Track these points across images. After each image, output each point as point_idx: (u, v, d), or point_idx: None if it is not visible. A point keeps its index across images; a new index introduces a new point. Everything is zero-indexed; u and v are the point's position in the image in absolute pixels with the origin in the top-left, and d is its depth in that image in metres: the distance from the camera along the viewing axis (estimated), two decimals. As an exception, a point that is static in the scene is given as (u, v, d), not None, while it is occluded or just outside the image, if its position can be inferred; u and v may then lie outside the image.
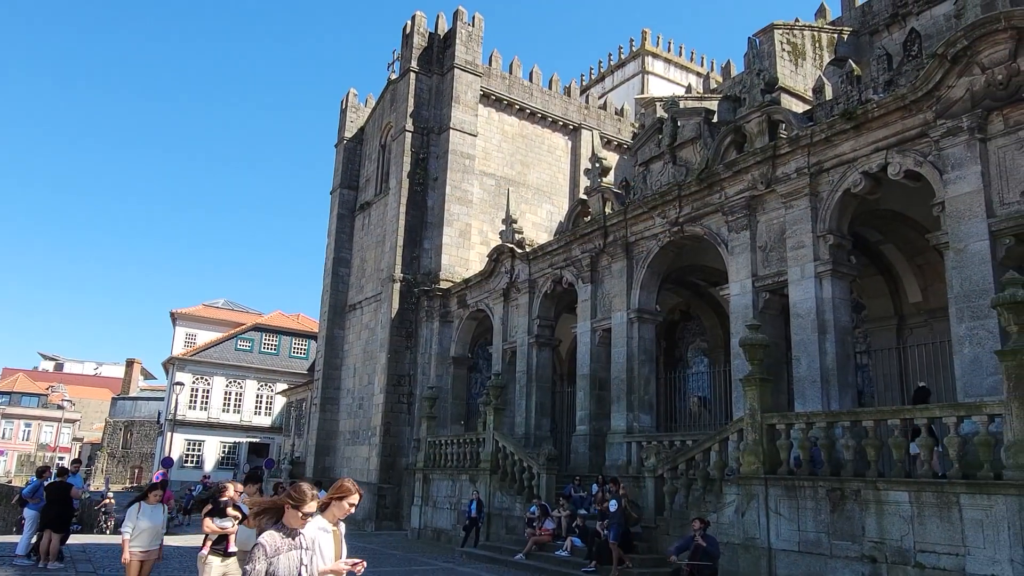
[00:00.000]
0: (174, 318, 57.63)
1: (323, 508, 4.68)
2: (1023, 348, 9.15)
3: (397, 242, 28.46)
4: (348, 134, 35.76)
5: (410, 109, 29.80)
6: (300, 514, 4.39)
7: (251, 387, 53.15)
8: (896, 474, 10.52)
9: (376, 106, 34.52)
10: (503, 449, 19.51)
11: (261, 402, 53.49)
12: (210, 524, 8.48)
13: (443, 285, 27.51)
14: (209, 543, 8.41)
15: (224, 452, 51.32)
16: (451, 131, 29.29)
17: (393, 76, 32.75)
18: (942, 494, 9.76)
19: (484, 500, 19.18)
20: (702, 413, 22.38)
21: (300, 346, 55.60)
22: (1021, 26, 11.27)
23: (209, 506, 8.81)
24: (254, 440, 52.33)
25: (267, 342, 54.45)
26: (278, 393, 52.13)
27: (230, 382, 52.42)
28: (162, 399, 58.75)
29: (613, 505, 14.21)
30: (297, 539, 4.37)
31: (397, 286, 28.01)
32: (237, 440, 51.90)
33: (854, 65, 16.82)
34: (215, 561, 8.26)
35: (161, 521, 9.24)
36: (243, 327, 55.01)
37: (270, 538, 4.26)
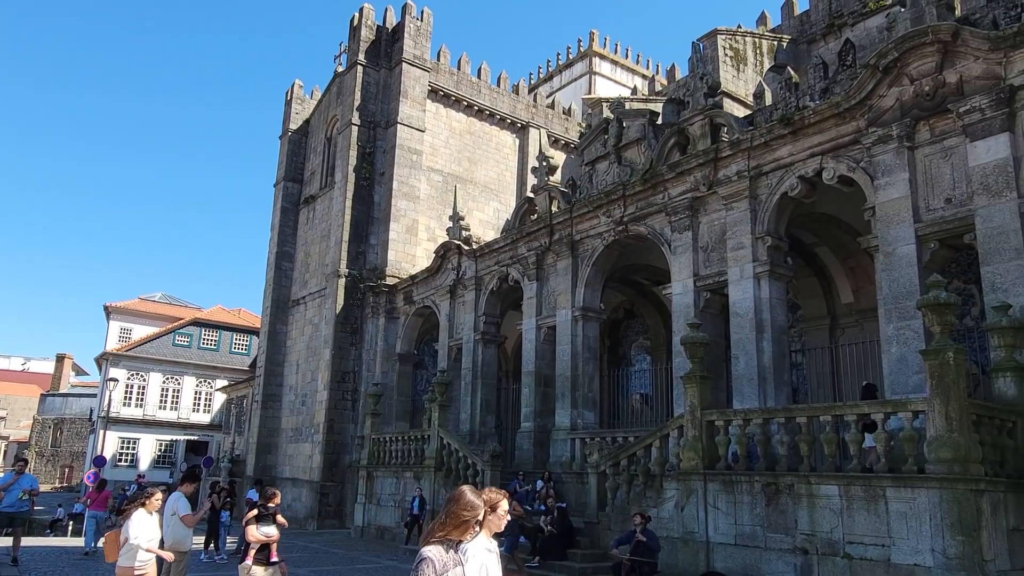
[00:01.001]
0: (108, 312, 55.66)
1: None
2: (945, 348, 9.57)
3: (342, 237, 28.11)
4: (293, 126, 35.11)
5: (357, 102, 29.44)
6: (499, 513, 3.95)
7: (189, 383, 51.78)
8: (827, 469, 10.91)
9: (322, 98, 33.99)
10: (448, 446, 19.50)
11: (200, 399, 52.16)
12: (254, 532, 8.19)
13: (389, 281, 27.29)
14: (253, 552, 8.13)
15: (160, 450, 49.87)
16: (398, 126, 29.05)
17: (340, 69, 32.31)
18: (870, 488, 10.15)
19: (428, 497, 19.13)
20: (644, 410, 22.78)
21: (241, 342, 54.40)
22: (946, 40, 11.80)
23: (255, 512, 8.52)
24: (192, 438, 51.01)
25: (207, 337, 53.09)
26: (218, 390, 50.90)
27: (167, 378, 50.95)
28: (95, 396, 56.72)
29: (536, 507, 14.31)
30: (459, 554, 3.85)
31: (342, 281, 27.67)
32: (174, 438, 50.50)
33: (792, 72, 17.34)
34: (258, 571, 8.03)
35: (159, 533, 8.38)
36: (181, 322, 53.52)
37: (436, 552, 3.74)
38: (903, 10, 12.75)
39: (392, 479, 21.48)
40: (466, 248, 23.30)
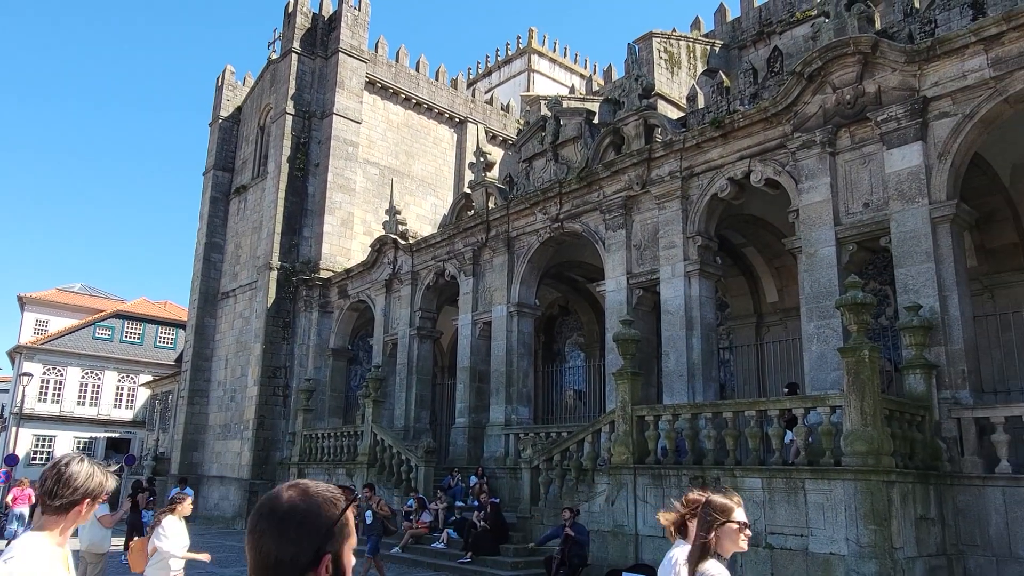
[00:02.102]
0: (22, 303, 52.88)
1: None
2: (861, 346, 10.03)
3: (275, 228, 27.47)
4: (224, 113, 34.05)
5: (291, 91, 28.79)
6: (736, 526, 3.17)
7: (111, 378, 49.71)
8: (752, 462, 11.29)
9: (255, 85, 33.09)
10: (381, 442, 19.34)
11: (122, 395, 50.16)
12: None
13: (323, 275, 26.83)
14: None
15: (79, 448, 47.75)
16: (334, 116, 28.55)
17: (274, 56, 31.50)
18: (790, 480, 10.56)
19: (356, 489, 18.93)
20: (578, 406, 23.09)
21: (167, 335, 52.54)
22: (866, 51, 12.34)
23: None
24: (113, 435, 49.00)
25: (130, 330, 51.07)
26: (141, 385, 49.05)
27: (86, 373, 48.80)
28: (6, 391, 53.86)
29: (369, 516, 13.65)
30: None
31: (274, 274, 27.05)
32: (94, 435, 48.43)
33: (724, 77, 17.85)
34: None
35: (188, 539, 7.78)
36: (102, 314, 51.26)
37: (718, 570, 3.09)
38: (827, 21, 13.26)
39: (324, 476, 21.15)
40: (402, 242, 23.12)
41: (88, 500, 2.62)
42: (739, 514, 3.22)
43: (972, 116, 11.43)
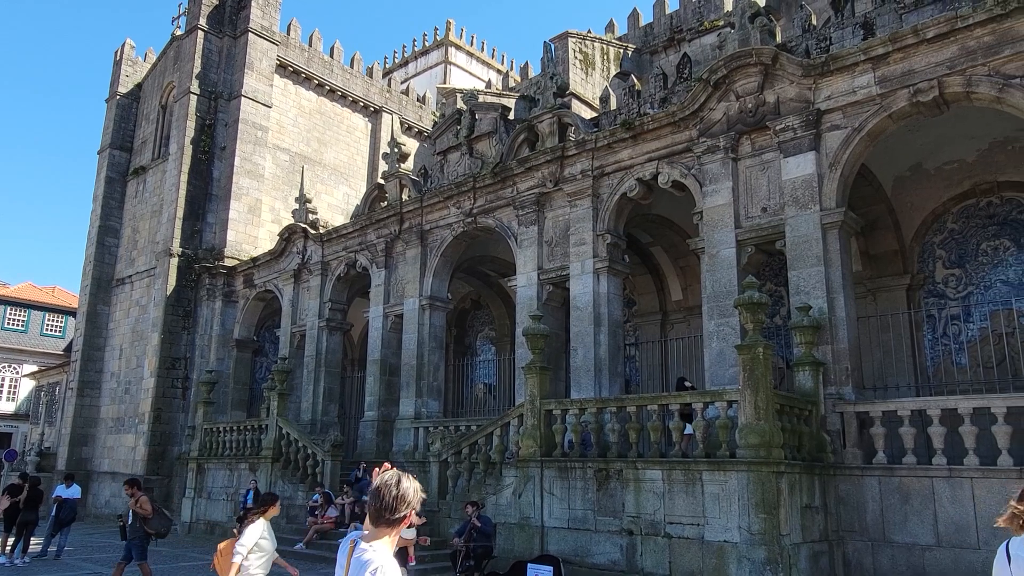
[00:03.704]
0: None
1: None
2: (756, 343, 10.57)
3: (176, 213, 26.30)
4: (123, 89, 32.21)
5: (196, 70, 27.58)
6: None
7: (-9, 368, 46.40)
8: (653, 455, 11.70)
9: (157, 62, 31.47)
10: (287, 436, 18.90)
11: (3, 385, 46.87)
12: (402, 535, 7.36)
13: (228, 263, 25.90)
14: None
15: (-48, 443, 44.33)
16: (242, 99, 27.55)
17: (178, 32, 30.07)
18: (688, 472, 11.01)
19: (264, 489, 18.43)
20: (488, 399, 23.25)
21: (55, 323, 49.43)
22: (767, 63, 12.95)
23: None
24: (-7, 429, 45.78)
25: (13, 317, 47.72)
26: (26, 376, 45.99)
27: (-37, 363, 45.35)
28: None
29: (130, 517, 11.99)
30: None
31: (175, 261, 25.91)
32: (-30, 429, 45.09)
33: (636, 80, 18.31)
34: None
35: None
36: (-18, 299, 47.75)
37: None
38: (732, 32, 13.83)
39: (225, 471, 20.50)
40: (313, 232, 22.61)
41: (414, 512, 3.07)
42: None
43: (860, 129, 12.19)
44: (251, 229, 27.33)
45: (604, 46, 27.56)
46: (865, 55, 12.07)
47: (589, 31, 27.79)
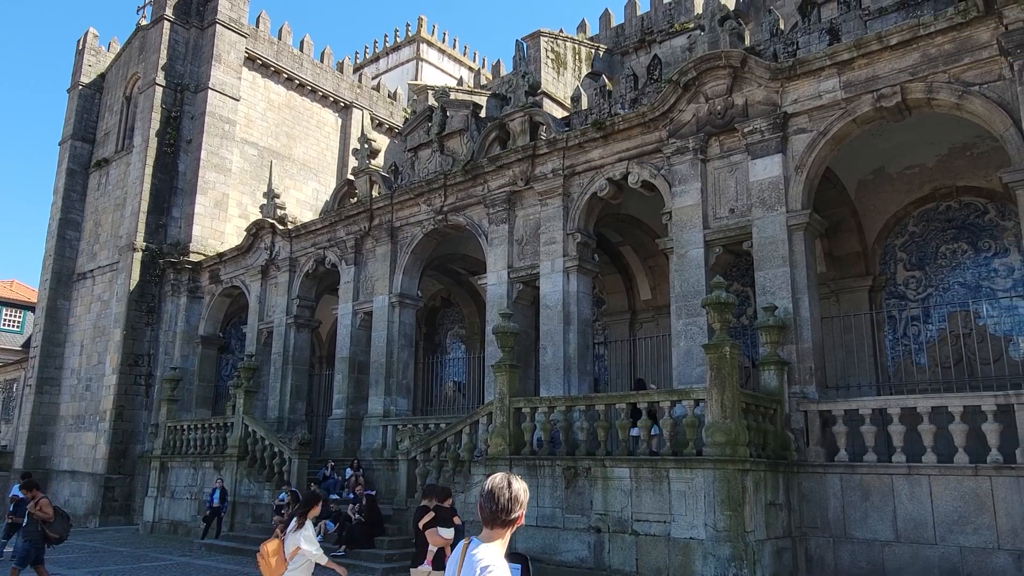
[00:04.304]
0: None
1: None
2: (723, 342, 10.70)
3: (140, 207, 25.80)
4: (85, 79, 31.47)
5: (162, 61, 27.08)
6: None
7: (-56, 364, 45.04)
8: (621, 453, 11.79)
9: (122, 52, 30.81)
10: (253, 434, 18.67)
11: (-43, 382, 45.56)
12: (441, 535, 7.72)
13: (193, 258, 25.49)
14: (431, 556, 7.68)
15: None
16: (210, 91, 27.12)
17: (144, 22, 29.47)
18: (655, 469, 11.11)
19: (229, 488, 18.22)
20: (457, 397, 23.22)
21: (13, 317, 48.12)
22: (736, 66, 13.12)
23: (432, 515, 7.94)
24: (-54, 427, 44.47)
25: (-32, 312, 46.42)
26: (-19, 372, 44.75)
27: (-85, 358, 43.94)
28: None
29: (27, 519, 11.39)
30: None
31: (138, 256, 25.42)
32: (-78, 427, 43.74)
33: (607, 80, 18.43)
34: None
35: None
36: (-64, 293, 46.31)
37: None
38: (702, 34, 13.99)
39: (189, 470, 20.19)
40: (281, 227, 22.36)
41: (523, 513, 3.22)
42: None
43: (825, 133, 12.42)
44: (217, 224, 26.92)
45: (576, 46, 27.68)
46: (831, 60, 12.29)
47: (561, 31, 27.88)
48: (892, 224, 15.84)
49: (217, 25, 27.63)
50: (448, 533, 8.20)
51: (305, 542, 7.11)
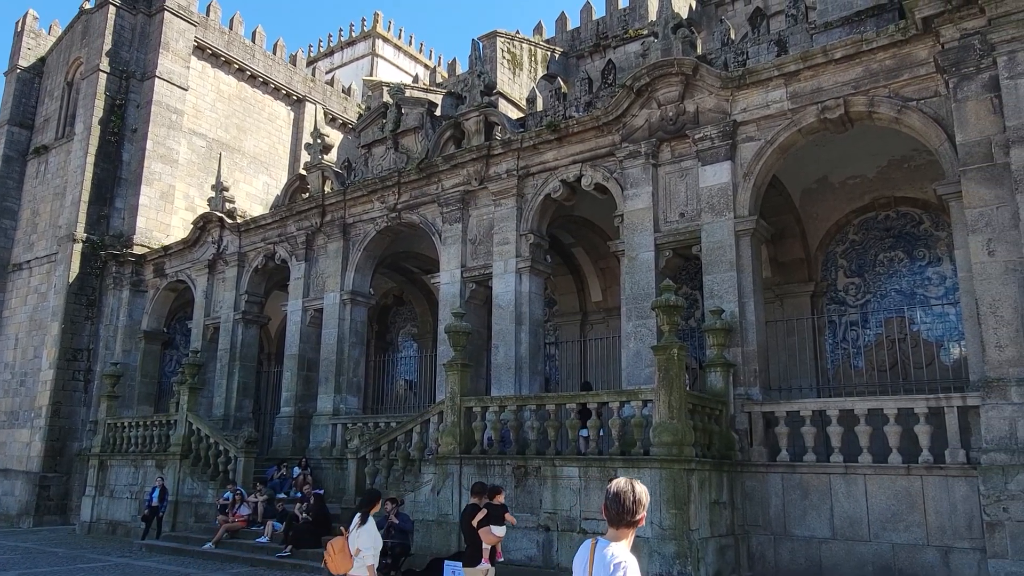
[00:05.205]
0: None
1: None
2: (671, 344, 10.92)
3: (81, 196, 24.97)
4: (24, 63, 30.26)
5: (107, 47, 26.25)
6: None
7: None
8: (570, 452, 11.91)
9: (64, 36, 29.74)
10: (197, 432, 18.28)
11: None
12: (494, 533, 7.79)
13: (137, 251, 24.80)
14: (487, 553, 7.72)
15: None
16: (156, 80, 26.40)
17: (88, 6, 28.50)
18: (604, 468, 11.26)
19: (172, 487, 17.80)
20: (409, 396, 23.11)
21: (-59, 309, 46.00)
22: (688, 73, 13.39)
23: (484, 512, 7.97)
24: None
25: None
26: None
27: None
28: None
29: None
30: None
31: (78, 247, 24.61)
32: None
33: (562, 83, 18.57)
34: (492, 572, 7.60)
35: None
36: None
37: None
38: (656, 41, 14.24)
39: (130, 468, 19.65)
40: (229, 221, 21.92)
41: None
42: None
43: (772, 142, 12.77)
44: (163, 216, 26.24)
45: (532, 48, 27.83)
46: (778, 71, 12.65)
47: (518, 32, 28.03)
48: (834, 232, 16.38)
49: (165, 12, 26.92)
50: (501, 531, 8.32)
51: (365, 539, 7.44)
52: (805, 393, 14.61)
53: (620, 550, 3.31)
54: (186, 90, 27.36)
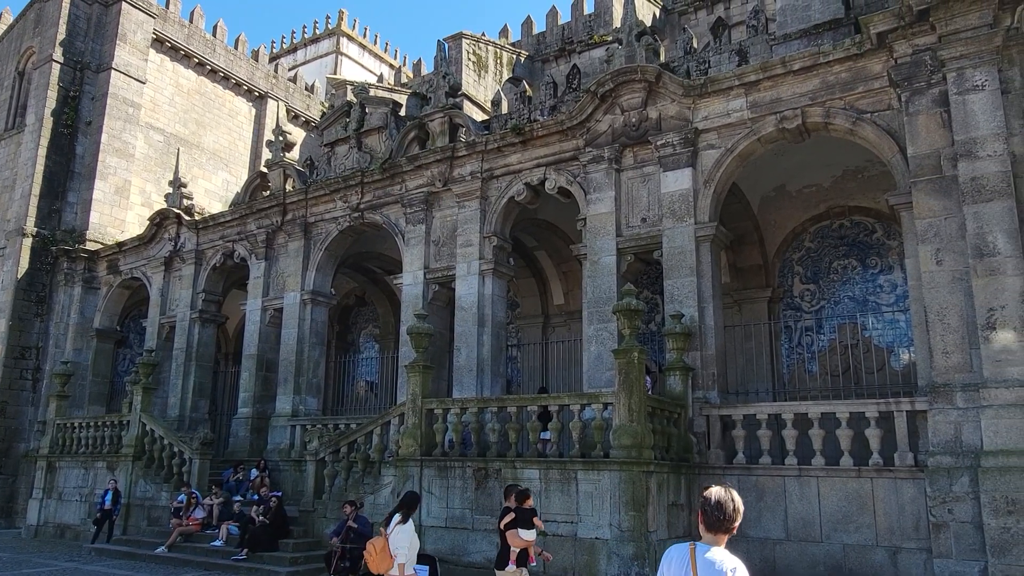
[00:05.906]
0: None
1: None
2: (632, 348, 11.05)
3: (32, 190, 24.24)
4: (-29, 52, 29.34)
5: (60, 36, 25.53)
6: None
7: None
8: (531, 454, 11.97)
9: (15, 23, 28.86)
10: (151, 433, 17.88)
11: None
12: (522, 537, 7.82)
13: (90, 246, 24.15)
14: (515, 556, 7.78)
15: None
16: (113, 72, 25.76)
17: (41, -6, 27.71)
18: (564, 471, 11.35)
19: (124, 489, 17.39)
20: (369, 397, 22.93)
21: None
22: (651, 80, 13.57)
23: (512, 515, 8.00)
24: None
25: None
26: None
27: None
28: None
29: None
30: None
31: (28, 242, 23.89)
32: None
33: (527, 86, 18.69)
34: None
35: None
36: None
37: None
38: (620, 48, 14.39)
39: (80, 470, 19.14)
40: (187, 218, 21.50)
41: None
42: None
43: (732, 150, 13.02)
44: (118, 212, 25.63)
45: (497, 50, 27.88)
46: (739, 80, 12.90)
47: (483, 34, 28.05)
48: (790, 239, 16.74)
49: (123, 2, 26.28)
50: (529, 535, 8.31)
51: (402, 539, 7.74)
52: (761, 397, 14.90)
53: (727, 556, 3.45)
54: (144, 83, 26.76)
